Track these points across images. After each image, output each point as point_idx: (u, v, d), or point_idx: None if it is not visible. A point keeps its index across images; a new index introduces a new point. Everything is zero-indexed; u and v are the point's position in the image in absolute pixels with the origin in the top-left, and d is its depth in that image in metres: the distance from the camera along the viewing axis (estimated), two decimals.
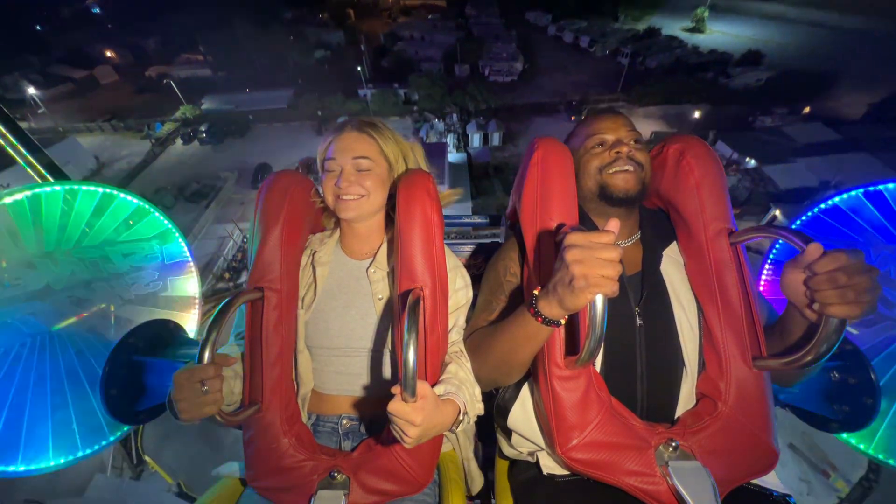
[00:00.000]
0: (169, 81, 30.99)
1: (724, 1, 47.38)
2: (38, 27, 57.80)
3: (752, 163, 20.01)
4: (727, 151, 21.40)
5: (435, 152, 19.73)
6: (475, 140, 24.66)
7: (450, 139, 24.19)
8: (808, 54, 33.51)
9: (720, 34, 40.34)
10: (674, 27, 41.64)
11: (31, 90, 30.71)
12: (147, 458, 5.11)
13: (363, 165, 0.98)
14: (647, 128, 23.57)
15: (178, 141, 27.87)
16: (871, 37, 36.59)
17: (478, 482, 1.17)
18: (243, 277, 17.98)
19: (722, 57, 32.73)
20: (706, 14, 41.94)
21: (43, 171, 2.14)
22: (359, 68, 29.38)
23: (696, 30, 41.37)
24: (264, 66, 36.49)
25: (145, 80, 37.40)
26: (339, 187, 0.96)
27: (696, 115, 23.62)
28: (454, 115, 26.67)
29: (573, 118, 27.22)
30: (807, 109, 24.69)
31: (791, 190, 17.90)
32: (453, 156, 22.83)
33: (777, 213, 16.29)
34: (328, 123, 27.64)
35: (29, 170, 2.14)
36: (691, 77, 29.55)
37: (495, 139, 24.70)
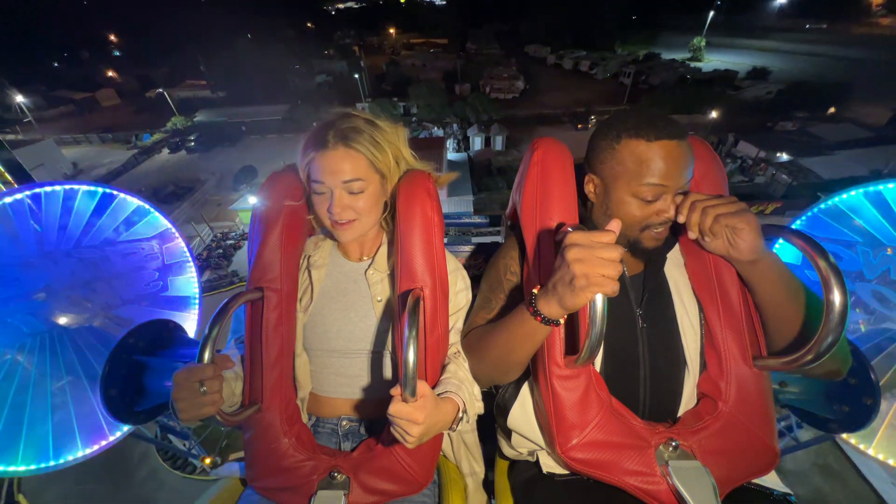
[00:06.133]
0: (163, 93, 30.49)
1: (718, 39, 48.93)
2: (56, 64, 60.34)
3: (784, 157, 18.06)
4: (752, 151, 19.59)
5: (433, 147, 17.90)
6: (476, 143, 23.14)
7: (449, 144, 22.65)
8: (814, 76, 33.00)
9: (719, 62, 40.66)
10: (671, 57, 42.21)
11: (19, 98, 30.11)
12: (21, 501, 4.35)
13: (355, 188, 0.90)
14: None
15: (165, 150, 26.67)
16: (873, 63, 36.54)
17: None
18: (206, 277, 15.68)
19: (727, 74, 32.18)
20: (703, 43, 42.79)
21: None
22: (356, 76, 28.76)
23: (695, 59, 41.94)
24: (264, 87, 36.32)
25: (145, 100, 37.37)
26: (332, 213, 0.90)
27: (714, 115, 21.96)
28: (454, 126, 25.44)
29: (580, 126, 25.99)
30: (832, 110, 23.17)
31: (838, 180, 15.67)
32: (452, 155, 21.09)
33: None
34: None
35: None
36: (699, 90, 28.61)
37: (498, 143, 23.14)
